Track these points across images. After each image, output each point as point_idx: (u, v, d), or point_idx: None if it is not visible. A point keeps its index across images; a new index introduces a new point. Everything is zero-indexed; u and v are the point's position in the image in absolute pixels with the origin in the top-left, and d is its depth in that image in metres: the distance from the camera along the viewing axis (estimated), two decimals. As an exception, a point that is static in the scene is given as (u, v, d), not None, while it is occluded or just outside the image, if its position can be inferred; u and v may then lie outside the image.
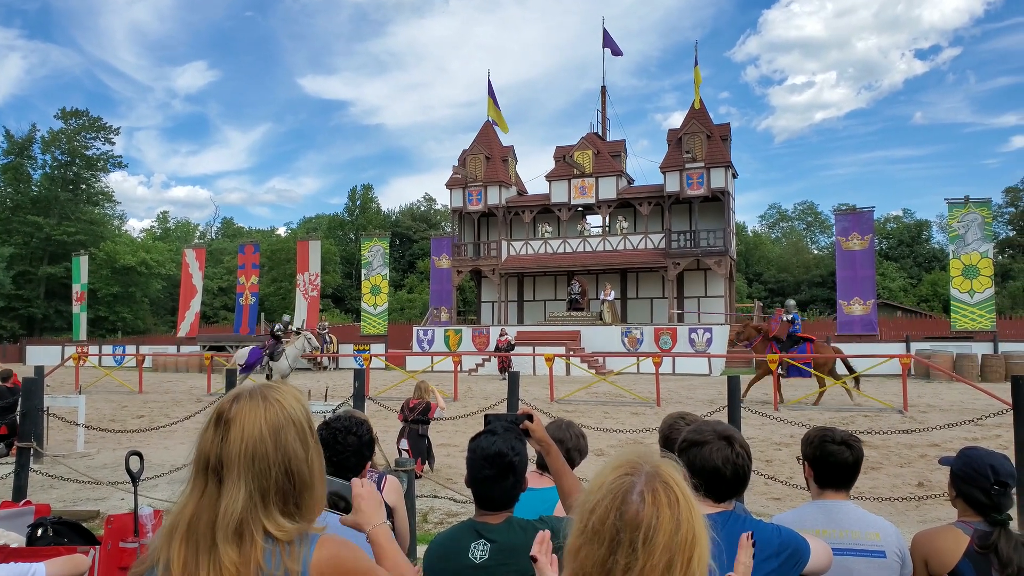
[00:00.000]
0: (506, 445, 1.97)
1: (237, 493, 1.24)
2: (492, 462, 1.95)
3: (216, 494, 1.26)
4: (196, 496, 1.28)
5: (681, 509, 1.13)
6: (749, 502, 2.29)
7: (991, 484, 2.29)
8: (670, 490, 1.14)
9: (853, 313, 24.86)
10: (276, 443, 1.28)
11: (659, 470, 1.17)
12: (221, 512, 1.24)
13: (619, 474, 1.17)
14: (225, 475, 1.26)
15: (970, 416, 9.98)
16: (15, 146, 48.67)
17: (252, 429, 1.28)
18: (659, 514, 1.11)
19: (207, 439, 1.31)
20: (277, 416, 1.31)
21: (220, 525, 1.23)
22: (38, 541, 3.29)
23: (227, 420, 1.30)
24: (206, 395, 17.66)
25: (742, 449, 1.98)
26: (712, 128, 27.98)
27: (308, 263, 31.00)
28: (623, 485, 1.14)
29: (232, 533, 1.23)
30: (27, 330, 45.97)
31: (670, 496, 1.13)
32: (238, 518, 1.23)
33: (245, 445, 1.26)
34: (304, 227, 60.65)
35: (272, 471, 1.27)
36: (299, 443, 1.32)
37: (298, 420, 1.34)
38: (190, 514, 1.26)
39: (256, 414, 1.30)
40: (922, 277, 49.84)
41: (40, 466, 7.99)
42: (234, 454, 1.26)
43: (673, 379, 21.56)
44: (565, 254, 30.10)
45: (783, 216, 66.25)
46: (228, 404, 1.33)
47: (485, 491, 1.98)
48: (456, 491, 7.29)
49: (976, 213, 23.52)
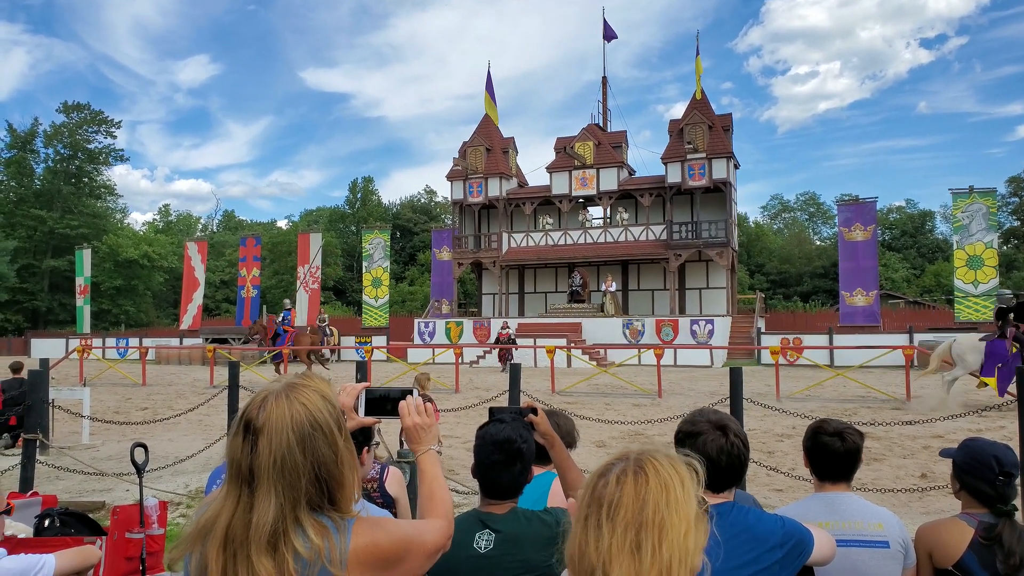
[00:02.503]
0: (515, 432, 2.00)
1: (268, 504, 1.26)
2: (501, 447, 1.97)
3: (249, 504, 1.28)
4: (232, 504, 1.29)
5: (650, 488, 1.10)
6: (751, 493, 2.29)
7: (996, 475, 2.28)
8: (641, 472, 1.12)
9: (856, 304, 24.84)
10: (304, 451, 1.29)
11: (643, 455, 1.16)
12: (254, 523, 1.26)
13: (608, 461, 1.18)
14: (257, 486, 1.28)
15: (973, 407, 9.98)
16: (18, 140, 48.68)
17: (280, 440, 1.28)
18: (622, 491, 1.10)
19: (236, 447, 1.31)
20: (303, 423, 1.31)
21: (254, 537, 1.25)
22: (45, 532, 3.32)
23: (256, 429, 1.30)
24: (209, 387, 17.71)
25: (737, 438, 1.97)
26: (714, 119, 27.87)
27: (309, 256, 31.02)
28: (604, 468, 1.16)
29: (266, 544, 1.25)
30: (31, 323, 46.12)
31: (639, 477, 1.11)
32: (270, 529, 1.25)
33: (274, 458, 1.28)
34: (305, 220, 60.63)
35: (302, 480, 1.28)
36: (328, 447, 1.32)
37: (325, 423, 1.34)
38: (226, 522, 1.28)
39: (283, 422, 1.30)
40: (925, 268, 49.72)
41: (46, 457, 8.03)
42: (263, 466, 1.27)
43: (675, 371, 21.58)
44: (566, 246, 30.07)
45: (785, 207, 66.06)
46: (256, 411, 1.32)
47: (492, 477, 1.99)
48: (458, 482, 7.32)
49: (980, 203, 23.45)
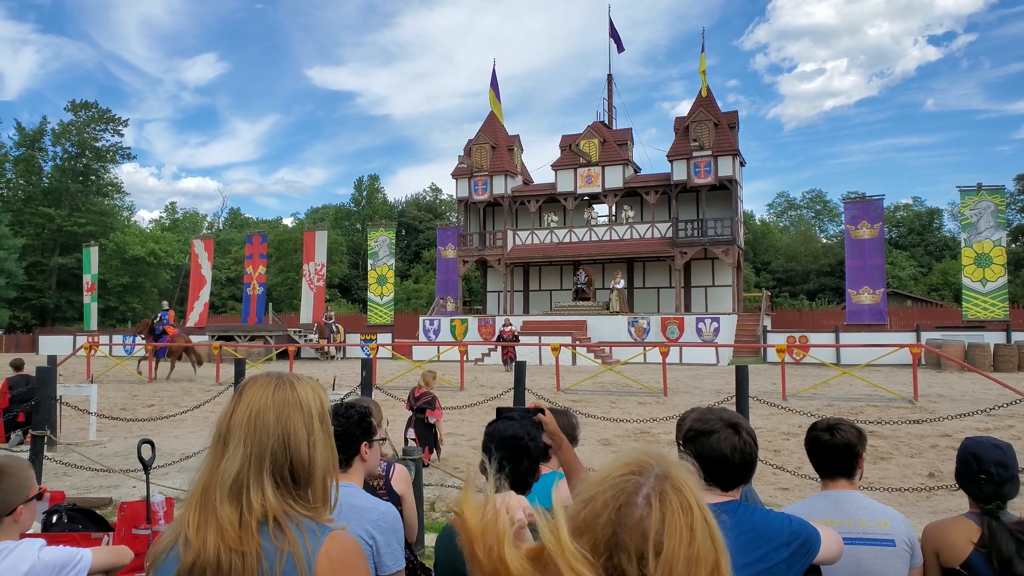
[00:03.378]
0: (523, 430, 2.02)
1: (236, 454, 1.31)
2: (508, 444, 1.99)
3: (221, 457, 1.33)
4: (209, 464, 1.35)
5: (695, 518, 1.00)
6: (757, 492, 2.28)
7: (975, 473, 2.28)
8: (681, 495, 1.01)
9: (862, 302, 24.73)
10: (278, 417, 1.35)
11: (670, 473, 1.04)
12: (221, 470, 1.31)
13: (625, 472, 1.05)
14: (229, 439, 1.34)
15: (982, 406, 9.92)
16: (27, 138, 48.94)
17: (258, 401, 1.36)
18: (667, 521, 0.98)
19: (224, 412, 1.39)
20: (285, 396, 1.38)
21: (219, 484, 1.30)
22: (53, 527, 3.33)
23: (240, 393, 1.39)
24: (215, 384, 17.78)
25: (749, 436, 1.97)
26: (720, 116, 27.78)
27: (314, 253, 31.07)
28: (628, 485, 1.03)
29: (228, 492, 1.29)
30: (39, 320, 46.37)
31: (681, 501, 1.01)
32: (233, 476, 1.30)
33: (249, 413, 1.35)
34: (311, 217, 60.76)
35: (270, 441, 1.33)
36: (302, 425, 1.37)
37: (306, 405, 1.39)
38: (203, 480, 1.33)
39: (266, 391, 1.38)
40: (933, 266, 49.49)
41: (54, 454, 8.08)
42: (238, 421, 1.34)
43: (680, 369, 21.54)
44: (571, 243, 30.04)
45: (791, 204, 65.83)
46: (246, 382, 1.42)
47: (499, 474, 1.98)
48: (463, 480, 7.32)
49: (989, 200, 23.31)
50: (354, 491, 2.04)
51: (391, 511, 1.98)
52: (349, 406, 2.43)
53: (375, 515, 1.93)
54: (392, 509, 1.99)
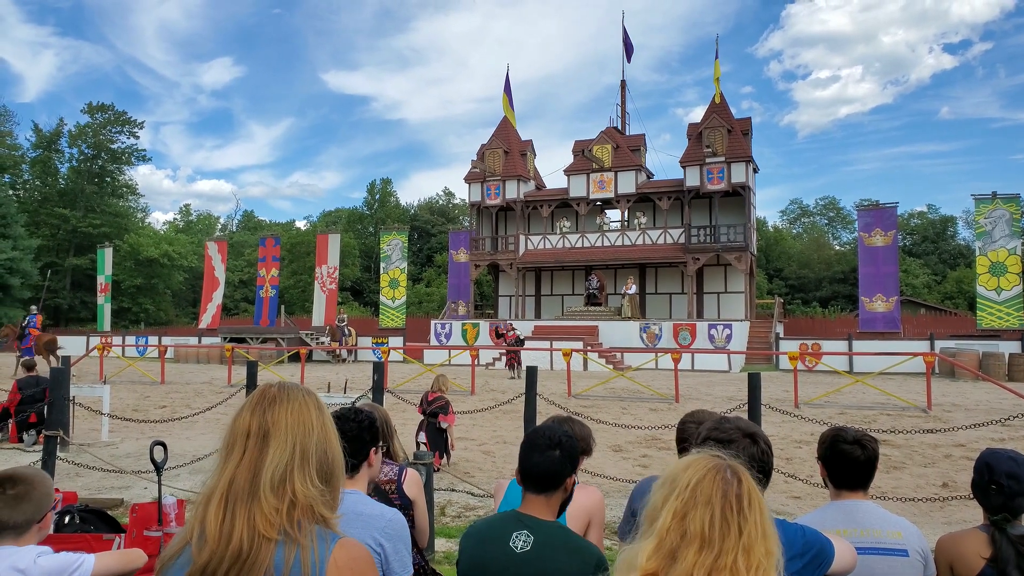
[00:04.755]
0: (560, 430, 2.11)
1: (285, 449, 1.35)
2: (542, 433, 2.08)
3: (258, 453, 1.35)
4: (235, 462, 1.35)
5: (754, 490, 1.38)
6: (769, 500, 2.27)
7: (986, 483, 2.28)
8: (743, 473, 1.39)
9: (876, 310, 24.53)
10: (319, 419, 1.42)
11: (731, 463, 1.40)
12: (268, 463, 1.33)
13: (705, 462, 1.39)
14: (272, 435, 1.36)
15: (997, 416, 9.81)
16: (43, 140, 49.48)
17: (298, 403, 1.42)
18: (749, 486, 1.36)
19: (246, 414, 1.40)
20: (318, 403, 1.46)
21: (266, 477, 1.32)
22: (65, 528, 3.36)
23: (272, 396, 1.42)
24: (226, 386, 17.88)
25: (766, 446, 1.98)
26: (733, 122, 27.69)
27: (327, 256, 31.19)
28: (716, 465, 1.37)
29: (278, 482, 1.32)
30: (53, 320, 46.80)
31: (744, 476, 1.38)
32: (284, 467, 1.33)
33: (291, 412, 1.39)
34: (324, 220, 60.99)
35: (314, 437, 1.39)
36: (331, 425, 1.45)
37: (325, 408, 1.48)
38: (229, 477, 1.34)
39: (299, 395, 1.44)
40: (947, 274, 48.99)
41: (66, 454, 8.15)
42: (281, 418, 1.38)
43: (692, 375, 21.44)
44: (583, 248, 30.00)
45: (805, 211, 65.43)
46: (271, 387, 1.46)
47: (531, 463, 2.02)
48: (474, 484, 7.32)
49: (1004, 209, 23.08)
50: (360, 498, 2.03)
51: (398, 518, 1.97)
52: (358, 411, 2.43)
53: (383, 522, 1.93)
54: (399, 516, 1.98)
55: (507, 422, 11.67)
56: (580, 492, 2.45)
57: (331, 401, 8.62)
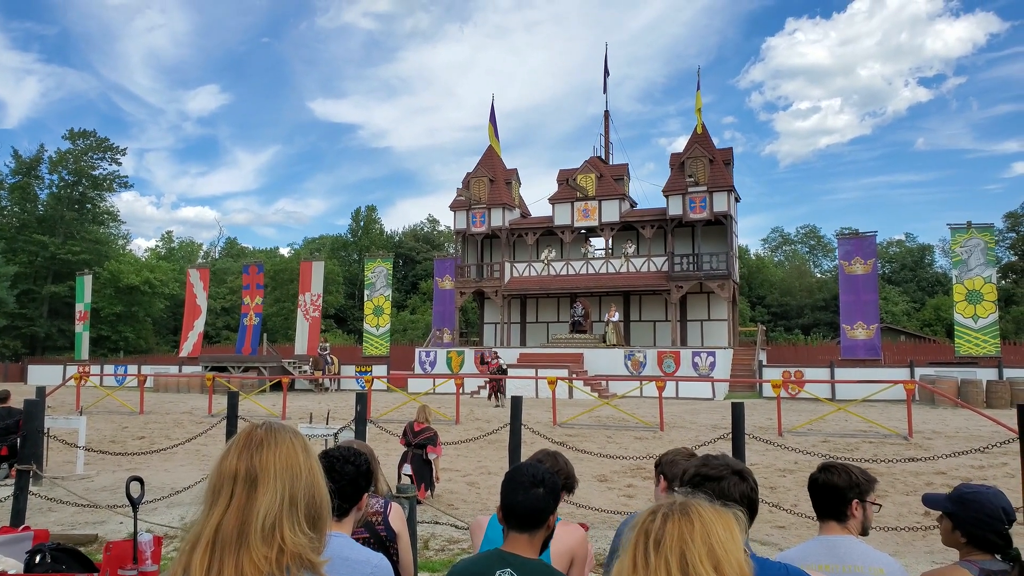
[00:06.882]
0: (542, 468, 2.13)
1: (275, 495, 1.32)
2: (525, 471, 2.10)
3: (245, 499, 1.32)
4: (220, 510, 1.32)
5: (695, 528, 1.24)
6: (754, 531, 2.27)
7: (1004, 525, 2.30)
8: (686, 514, 1.27)
9: (856, 337, 24.78)
10: (306, 462, 1.40)
11: (687, 501, 1.32)
12: (257, 510, 1.30)
13: (658, 504, 1.34)
14: (260, 480, 1.33)
15: (976, 444, 9.90)
16: (23, 166, 49.06)
17: (286, 446, 1.39)
18: (666, 528, 1.25)
19: (233, 457, 1.38)
20: (305, 444, 1.43)
21: (255, 525, 1.30)
22: (36, 568, 3.26)
23: (259, 439, 1.39)
24: (207, 416, 17.60)
25: (754, 483, 2.02)
26: (715, 152, 28.13)
27: (311, 283, 31.04)
28: (654, 508, 1.32)
29: (269, 531, 1.30)
30: (29, 349, 45.98)
31: (684, 517, 1.26)
32: (274, 515, 1.31)
33: (280, 456, 1.37)
34: (308, 247, 60.80)
35: (302, 482, 1.36)
36: (320, 472, 1.43)
37: (312, 451, 1.45)
38: (215, 524, 1.31)
39: (287, 437, 1.41)
40: (925, 301, 49.72)
41: (39, 488, 7.95)
42: (270, 463, 1.35)
43: (676, 403, 21.45)
44: (568, 276, 30.12)
45: (786, 240, 66.34)
46: (257, 428, 1.43)
47: (514, 500, 2.03)
48: (458, 517, 7.23)
49: (979, 238, 23.53)
50: (346, 542, 1.99)
51: (384, 564, 1.94)
52: (357, 454, 2.39)
53: (369, 568, 1.90)
54: (385, 562, 1.96)
55: (492, 452, 11.58)
56: (563, 530, 2.44)
57: (313, 433, 8.51)
